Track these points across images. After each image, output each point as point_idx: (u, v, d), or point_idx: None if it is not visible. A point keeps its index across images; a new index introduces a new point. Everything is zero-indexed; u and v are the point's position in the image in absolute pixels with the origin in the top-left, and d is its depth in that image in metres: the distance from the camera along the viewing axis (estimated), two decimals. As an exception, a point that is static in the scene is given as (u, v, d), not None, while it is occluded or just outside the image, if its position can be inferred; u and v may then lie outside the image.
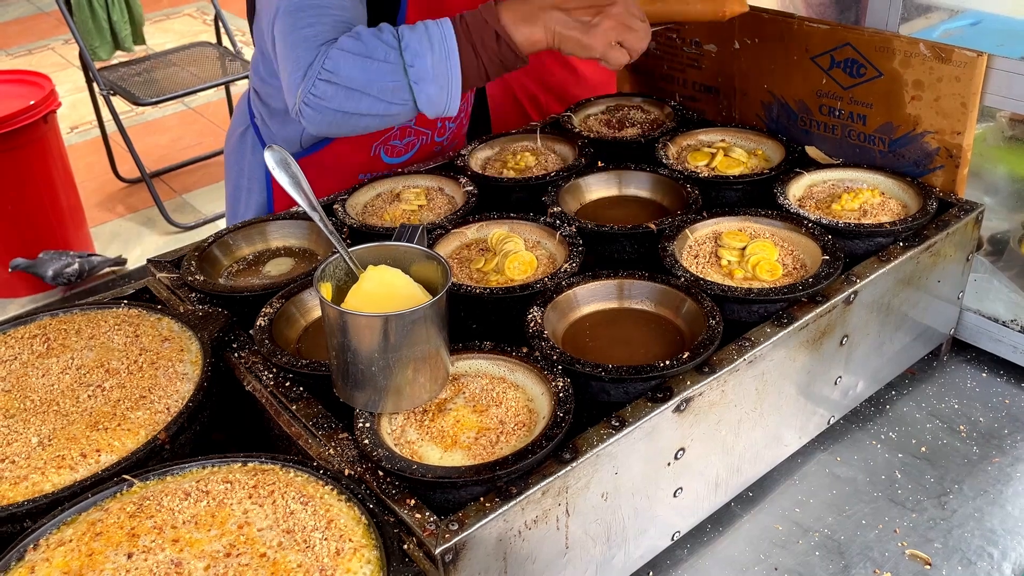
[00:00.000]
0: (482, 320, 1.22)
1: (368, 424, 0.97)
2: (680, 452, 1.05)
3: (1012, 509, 1.18)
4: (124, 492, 0.91)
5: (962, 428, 1.31)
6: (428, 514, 0.88)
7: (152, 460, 0.97)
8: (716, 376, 1.04)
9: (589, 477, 0.95)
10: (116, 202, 4.21)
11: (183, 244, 1.38)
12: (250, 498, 0.89)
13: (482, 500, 0.89)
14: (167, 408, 1.03)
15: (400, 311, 0.93)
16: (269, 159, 0.97)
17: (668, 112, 1.69)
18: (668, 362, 1.03)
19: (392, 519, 0.89)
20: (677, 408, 1.01)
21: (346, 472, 0.94)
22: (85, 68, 3.88)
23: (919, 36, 1.37)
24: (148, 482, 0.92)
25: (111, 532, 0.85)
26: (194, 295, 1.25)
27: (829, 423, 1.28)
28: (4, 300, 3.46)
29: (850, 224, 1.29)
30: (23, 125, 3.20)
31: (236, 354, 1.13)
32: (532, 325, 1.11)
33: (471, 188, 1.44)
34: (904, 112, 1.39)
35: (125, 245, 3.88)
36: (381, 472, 0.93)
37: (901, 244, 1.26)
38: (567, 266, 1.22)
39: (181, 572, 0.81)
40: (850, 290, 1.17)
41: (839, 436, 1.30)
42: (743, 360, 1.07)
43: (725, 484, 1.14)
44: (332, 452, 0.97)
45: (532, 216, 1.35)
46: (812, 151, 1.53)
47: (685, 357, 1.04)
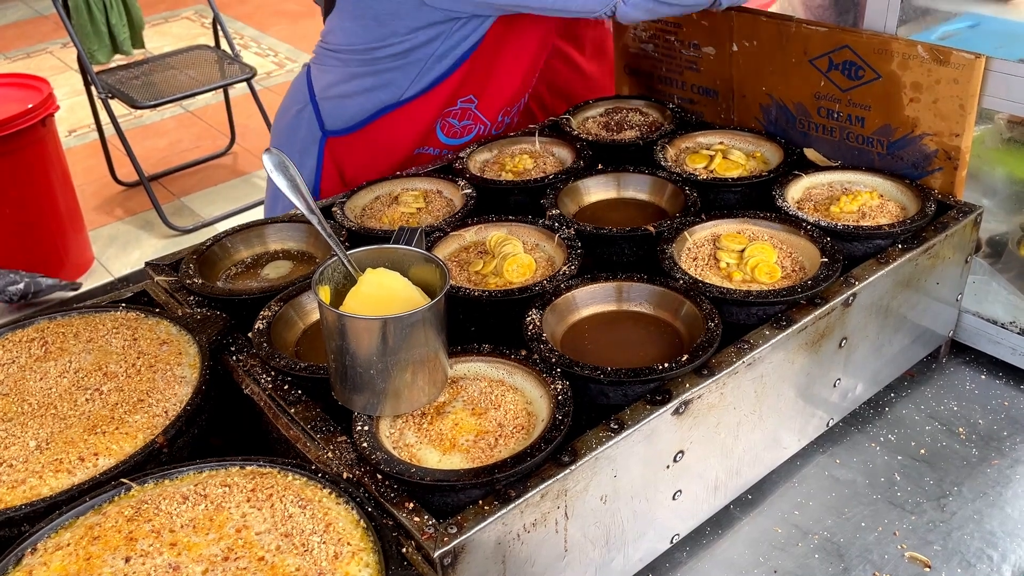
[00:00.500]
0: (481, 323, 1.22)
1: (367, 427, 0.97)
2: (679, 455, 1.04)
3: (1012, 511, 1.18)
4: (122, 496, 0.91)
5: (961, 430, 1.31)
6: (427, 517, 0.88)
7: (150, 464, 0.97)
8: (715, 379, 1.04)
9: (588, 480, 0.95)
10: (114, 205, 4.21)
11: (181, 247, 1.38)
12: (248, 502, 0.88)
13: (481, 503, 0.89)
14: (165, 411, 1.03)
15: (398, 314, 0.93)
16: (267, 162, 0.97)
17: (666, 114, 1.69)
18: (667, 365, 1.03)
19: (391, 522, 0.89)
20: (676, 411, 1.01)
21: (344, 475, 0.94)
22: (83, 71, 3.88)
23: (917, 38, 1.37)
24: (146, 486, 0.92)
25: (109, 536, 0.85)
26: (192, 298, 1.25)
27: (828, 425, 1.28)
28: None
29: (849, 226, 1.29)
30: (21, 128, 3.20)
31: (234, 357, 1.13)
32: (531, 328, 1.11)
33: (469, 191, 1.44)
34: (902, 114, 1.39)
35: (123, 248, 3.88)
36: (380, 475, 0.92)
37: (900, 246, 1.26)
38: (566, 268, 1.22)
39: (179, 576, 0.81)
40: (849, 292, 1.17)
41: (838, 438, 1.30)
42: (742, 363, 1.07)
43: (724, 487, 1.14)
44: (331, 455, 0.97)
45: (531, 219, 1.35)
46: (811, 153, 1.53)
47: (684, 360, 1.04)
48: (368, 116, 1.67)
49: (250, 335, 1.14)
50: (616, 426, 0.97)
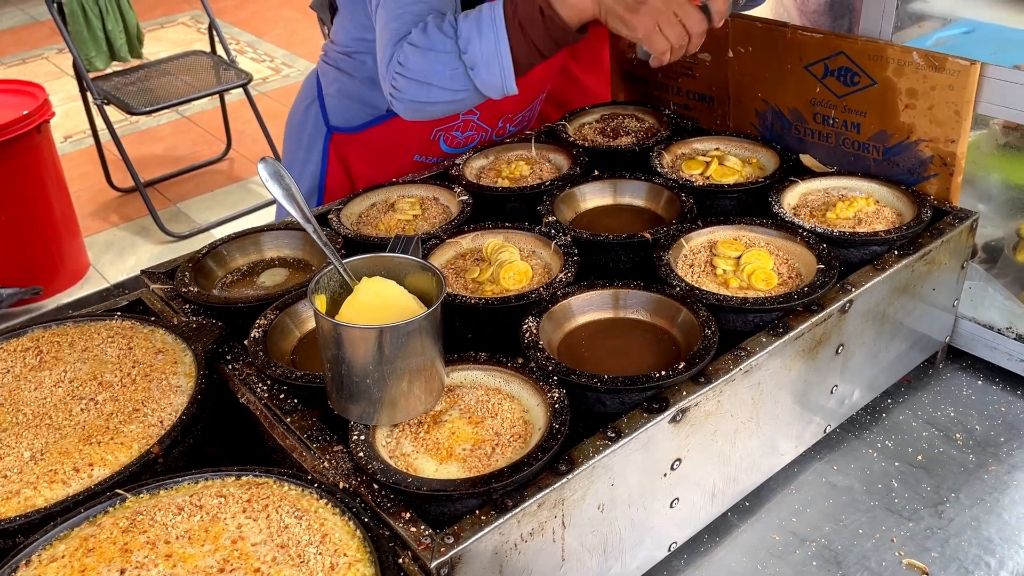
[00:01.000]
0: (477, 330, 1.22)
1: (363, 437, 0.97)
2: (676, 463, 1.04)
3: (1009, 518, 1.18)
4: (117, 507, 0.90)
5: (958, 436, 1.31)
6: (423, 527, 0.87)
7: (145, 474, 0.97)
8: (712, 386, 1.04)
9: (585, 489, 0.95)
10: (110, 211, 4.20)
11: (178, 253, 1.38)
12: (244, 512, 0.88)
13: (478, 513, 0.89)
14: (160, 421, 1.03)
15: (395, 323, 0.92)
16: (262, 171, 0.97)
17: (663, 120, 1.69)
18: (664, 372, 1.03)
19: (387, 533, 0.88)
20: (673, 419, 1.01)
21: (341, 485, 0.94)
22: (79, 77, 3.88)
23: (912, 45, 1.37)
24: (141, 496, 0.92)
25: (104, 548, 0.84)
26: (188, 306, 1.24)
27: (825, 432, 1.28)
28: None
29: (845, 233, 1.29)
30: (16, 135, 3.19)
31: (230, 366, 1.13)
32: (527, 336, 1.10)
33: (466, 197, 1.44)
34: (898, 120, 1.39)
35: (119, 254, 3.87)
36: (376, 485, 0.92)
37: (896, 252, 1.26)
38: (562, 276, 1.22)
39: (174, 588, 0.80)
40: (845, 299, 1.17)
41: (835, 445, 1.30)
42: (739, 370, 1.06)
43: (722, 494, 1.14)
44: (327, 465, 0.96)
45: (527, 226, 1.35)
46: (806, 159, 1.53)
47: (681, 367, 1.04)
48: (371, 119, 1.68)
49: (246, 343, 1.13)
50: (613, 434, 0.97)
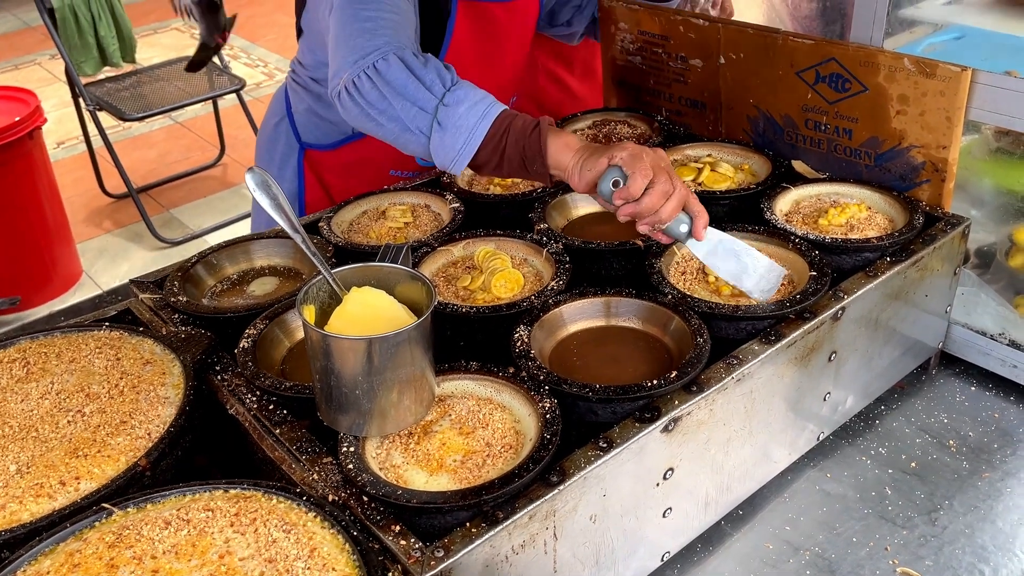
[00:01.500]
0: (468, 338, 1.21)
1: (352, 448, 0.96)
2: (669, 472, 1.04)
3: (1003, 525, 1.17)
4: (103, 521, 0.89)
5: (952, 443, 1.30)
6: (413, 541, 0.87)
7: (133, 487, 0.96)
8: (704, 395, 1.03)
9: (577, 500, 0.94)
10: (103, 217, 4.19)
11: (171, 259, 1.38)
12: (232, 526, 0.87)
13: (468, 525, 0.88)
14: (148, 433, 1.02)
15: (384, 334, 0.92)
16: (249, 181, 0.96)
17: (654, 127, 1.69)
18: (656, 382, 1.02)
19: (377, 546, 0.87)
20: (665, 428, 1.00)
21: (330, 498, 0.93)
22: (71, 83, 3.86)
23: (903, 51, 1.37)
24: (128, 511, 0.91)
25: (89, 563, 0.84)
26: (177, 316, 1.23)
27: (819, 439, 1.27)
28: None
29: (837, 239, 1.29)
30: (8, 142, 3.18)
31: (219, 377, 1.12)
32: (519, 344, 1.10)
33: (457, 205, 1.44)
34: (889, 126, 1.39)
35: (112, 261, 3.85)
36: (366, 497, 0.91)
37: (888, 259, 1.26)
38: (554, 284, 1.21)
39: (161, 604, 0.79)
40: (838, 306, 1.17)
41: (829, 452, 1.30)
42: (731, 378, 1.06)
43: (715, 503, 1.13)
44: (316, 477, 0.95)
45: (519, 233, 1.34)
46: (799, 165, 1.53)
47: (673, 376, 1.03)
48: (342, 138, 1.66)
49: (235, 354, 1.13)
50: (605, 445, 0.96)
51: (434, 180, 1.56)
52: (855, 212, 1.37)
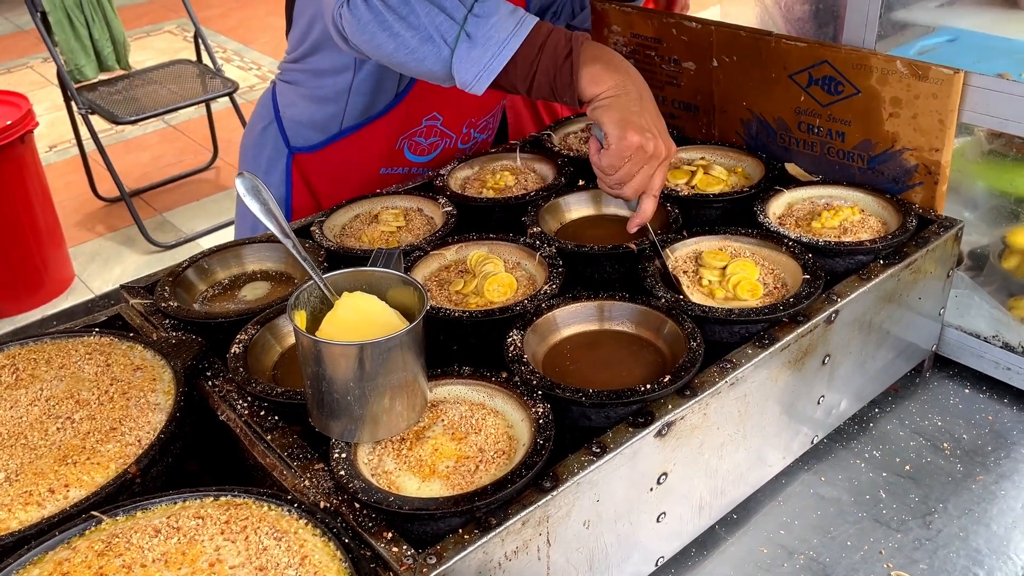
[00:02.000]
0: (461, 343, 1.21)
1: (344, 454, 0.95)
2: (663, 477, 1.03)
3: (997, 528, 1.17)
4: (93, 529, 0.89)
5: (946, 446, 1.30)
6: (405, 548, 0.86)
7: (122, 495, 0.95)
8: (698, 399, 1.03)
9: (570, 505, 0.94)
10: (96, 221, 4.17)
11: (164, 263, 1.37)
12: (222, 534, 0.86)
13: (461, 532, 0.87)
14: (138, 440, 1.01)
15: (376, 339, 0.91)
16: (240, 186, 0.96)
17: (648, 129, 1.68)
18: (649, 386, 1.02)
19: (368, 553, 0.87)
20: (659, 432, 1.00)
21: (322, 504, 0.92)
22: (63, 87, 3.85)
23: (896, 53, 1.37)
24: (117, 518, 0.90)
25: (78, 572, 0.83)
26: (168, 321, 1.22)
27: (813, 442, 1.27)
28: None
29: (830, 242, 1.29)
30: (0, 145, 3.17)
31: (210, 382, 1.11)
32: (512, 349, 1.09)
33: (450, 208, 1.43)
34: (882, 129, 1.39)
35: (104, 265, 3.84)
36: (357, 504, 0.91)
37: (881, 262, 1.26)
38: (547, 287, 1.21)
39: (150, 613, 0.79)
40: (831, 309, 1.17)
41: (823, 455, 1.29)
42: (725, 382, 1.06)
43: (709, 507, 1.13)
44: (308, 484, 0.95)
45: (511, 237, 1.34)
46: (792, 168, 1.53)
47: (666, 381, 1.03)
48: (332, 135, 1.64)
49: (226, 359, 1.12)
50: (598, 450, 0.96)
51: (427, 184, 1.55)
52: (848, 215, 1.36)
